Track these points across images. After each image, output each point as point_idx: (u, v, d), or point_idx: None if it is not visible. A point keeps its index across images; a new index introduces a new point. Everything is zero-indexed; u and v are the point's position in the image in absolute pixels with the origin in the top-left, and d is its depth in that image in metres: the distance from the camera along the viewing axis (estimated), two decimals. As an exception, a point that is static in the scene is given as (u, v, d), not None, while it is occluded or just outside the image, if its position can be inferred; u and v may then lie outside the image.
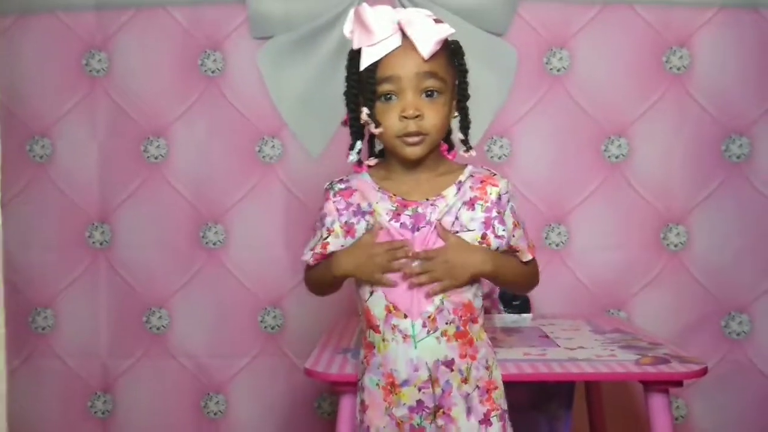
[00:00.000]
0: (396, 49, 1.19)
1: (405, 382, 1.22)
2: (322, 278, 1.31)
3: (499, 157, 2.09)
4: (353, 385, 1.35)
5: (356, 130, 1.25)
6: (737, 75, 2.04)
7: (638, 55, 2.06)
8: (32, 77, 2.11)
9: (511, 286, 1.37)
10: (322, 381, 1.49)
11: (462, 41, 1.27)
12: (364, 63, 1.19)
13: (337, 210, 1.26)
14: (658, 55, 2.05)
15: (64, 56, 2.11)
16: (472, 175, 1.26)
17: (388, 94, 1.20)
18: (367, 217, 1.24)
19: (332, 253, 1.27)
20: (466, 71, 1.26)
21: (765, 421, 2.06)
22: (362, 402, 1.27)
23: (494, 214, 1.23)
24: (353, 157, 1.26)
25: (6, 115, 2.12)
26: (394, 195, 1.24)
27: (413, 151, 1.21)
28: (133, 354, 2.15)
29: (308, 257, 1.30)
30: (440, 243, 1.22)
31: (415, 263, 1.21)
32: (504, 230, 1.24)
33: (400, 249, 1.21)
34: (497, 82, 2.06)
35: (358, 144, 1.26)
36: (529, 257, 1.29)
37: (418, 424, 1.23)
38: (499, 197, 1.24)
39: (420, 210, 1.22)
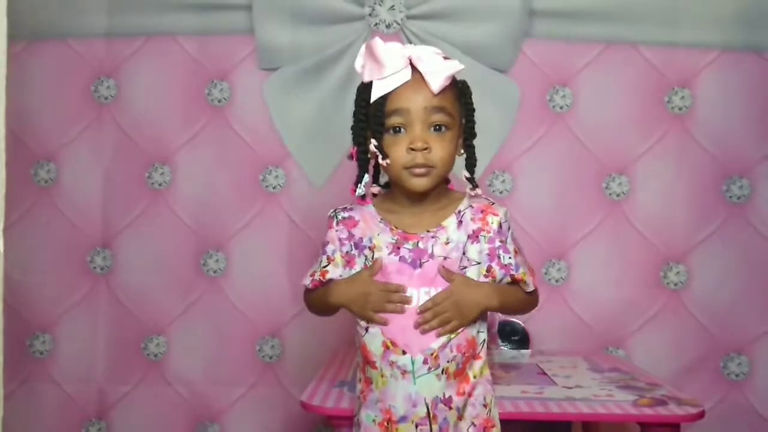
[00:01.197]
0: (406, 82, 1.20)
1: (402, 419, 1.22)
2: (320, 303, 1.32)
3: (501, 192, 2.10)
4: (349, 420, 1.35)
5: (363, 163, 1.27)
6: (738, 117, 2.06)
7: (640, 95, 2.07)
8: (40, 102, 2.14)
9: (513, 313, 1.37)
10: (318, 414, 1.48)
11: (466, 77, 1.28)
12: (375, 95, 1.21)
13: (339, 239, 1.27)
14: (660, 95, 2.07)
15: (73, 82, 2.14)
16: (471, 206, 1.26)
17: (397, 126, 1.21)
18: (366, 251, 1.25)
19: (331, 280, 1.28)
20: (473, 110, 1.27)
21: (763, 464, 2.05)
22: (358, 438, 1.27)
23: (497, 243, 1.24)
24: (360, 190, 1.27)
25: (12, 139, 2.12)
26: (396, 228, 1.25)
27: (419, 183, 1.22)
28: (129, 380, 2.14)
29: (307, 282, 1.31)
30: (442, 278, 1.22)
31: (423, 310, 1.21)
32: (510, 258, 1.24)
33: (395, 293, 1.21)
34: (500, 118, 2.07)
35: (365, 178, 1.27)
36: (532, 288, 1.28)
37: (414, 461, 1.22)
38: (500, 226, 1.25)
39: (421, 245, 1.23)
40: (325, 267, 1.28)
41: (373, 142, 1.22)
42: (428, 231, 1.24)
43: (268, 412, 2.13)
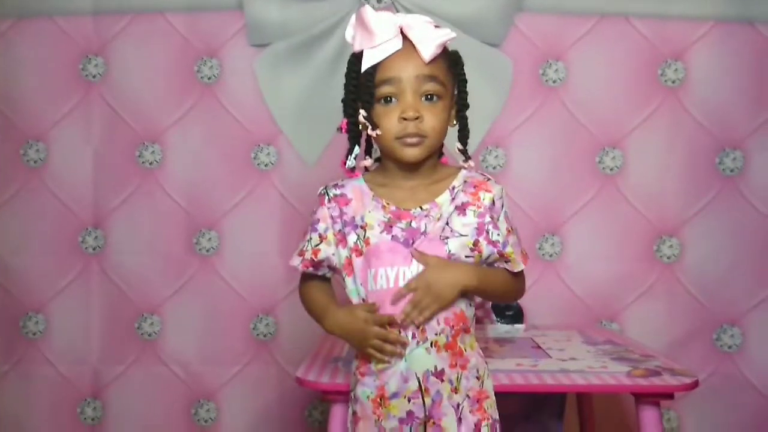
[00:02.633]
0: (397, 51, 1.19)
1: (395, 395, 1.22)
2: (314, 315, 1.31)
3: (494, 167, 2.09)
4: (344, 395, 1.35)
5: (354, 135, 1.25)
6: (732, 89, 2.05)
7: (633, 68, 2.06)
8: (28, 81, 2.11)
9: (496, 298, 1.36)
10: (314, 390, 1.49)
11: (458, 51, 1.27)
12: (365, 65, 1.19)
13: (331, 217, 1.26)
14: (654, 67, 2.06)
15: (61, 61, 2.11)
16: (466, 181, 1.25)
17: (388, 96, 1.20)
18: (358, 231, 1.23)
19: (323, 260, 1.26)
20: (465, 81, 1.26)
21: (756, 434, 2.07)
22: (354, 413, 1.27)
23: (487, 219, 1.23)
24: (351, 162, 1.26)
25: (1, 119, 2.11)
26: (388, 204, 1.23)
27: (411, 153, 1.20)
28: (124, 360, 2.14)
29: (297, 263, 1.28)
30: (436, 251, 1.21)
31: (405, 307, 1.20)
32: (498, 235, 1.23)
33: (392, 336, 1.20)
34: (493, 93, 2.06)
35: (356, 149, 1.26)
36: (521, 267, 1.26)
37: (408, 436, 1.22)
38: (493, 202, 1.23)
39: (414, 224, 1.21)
40: (317, 246, 1.26)
41: (362, 113, 1.21)
42: (421, 208, 1.22)
43: (263, 390, 2.13)
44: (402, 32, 1.19)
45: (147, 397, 2.13)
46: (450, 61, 1.24)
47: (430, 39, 1.18)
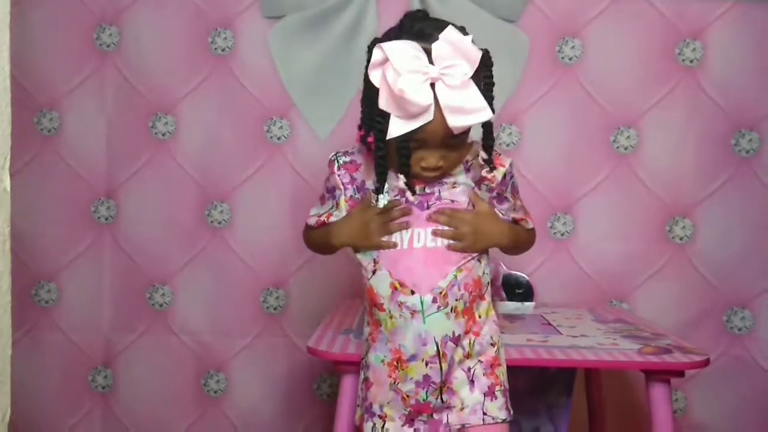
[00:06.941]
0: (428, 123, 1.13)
1: (412, 357, 1.23)
2: (321, 244, 1.34)
3: (508, 145, 2.08)
4: (355, 365, 1.35)
5: (382, 164, 1.18)
6: (749, 69, 2.03)
7: (651, 46, 2.04)
8: (42, 50, 2.10)
9: (515, 252, 1.38)
10: (325, 360, 1.49)
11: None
12: (393, 133, 1.13)
13: (342, 184, 1.27)
14: (671, 46, 2.04)
15: (75, 29, 2.10)
16: (478, 155, 1.25)
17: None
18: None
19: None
20: (492, 84, 1.17)
21: (764, 415, 2.06)
22: (366, 379, 1.28)
23: (495, 194, 1.27)
24: (382, 201, 1.22)
25: (15, 87, 2.10)
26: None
27: (428, 176, 1.22)
28: (135, 330, 2.15)
29: (312, 222, 1.33)
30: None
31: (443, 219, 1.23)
32: (507, 208, 1.29)
33: (395, 209, 1.22)
34: (509, 69, 2.04)
35: (384, 194, 1.22)
36: (531, 225, 1.33)
37: (423, 399, 1.23)
38: (504, 176, 1.26)
39: (428, 189, 1.23)
40: (329, 210, 1.29)
41: (402, 178, 1.18)
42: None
43: (272, 362, 2.14)
44: (432, 84, 1.11)
45: (157, 366, 2.14)
46: (478, 63, 1.15)
47: (460, 114, 1.11)
